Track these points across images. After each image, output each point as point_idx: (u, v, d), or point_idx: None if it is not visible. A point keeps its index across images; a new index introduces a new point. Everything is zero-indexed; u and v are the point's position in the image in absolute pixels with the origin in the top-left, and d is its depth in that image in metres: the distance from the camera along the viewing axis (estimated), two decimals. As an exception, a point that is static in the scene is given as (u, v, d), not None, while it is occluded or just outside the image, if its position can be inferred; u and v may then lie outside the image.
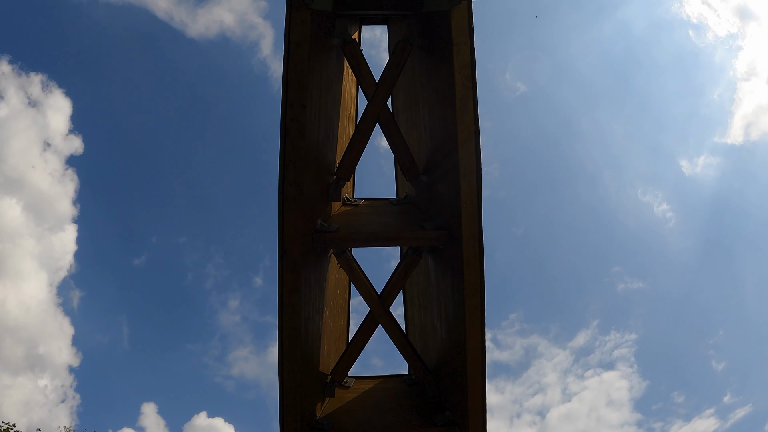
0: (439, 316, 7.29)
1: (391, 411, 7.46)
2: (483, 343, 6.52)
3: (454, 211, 6.45)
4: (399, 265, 7.73)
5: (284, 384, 6.63)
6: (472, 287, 6.36)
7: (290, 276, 6.36)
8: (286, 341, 6.51)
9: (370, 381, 8.02)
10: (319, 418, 7.28)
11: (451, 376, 7.13)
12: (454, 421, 7.11)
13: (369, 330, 7.74)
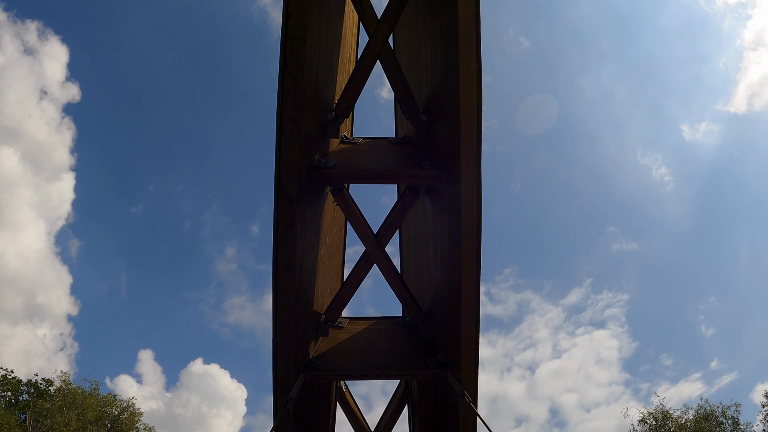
0: (435, 258, 7.24)
1: (384, 352, 7.50)
2: (478, 286, 6.49)
3: (454, 151, 6.33)
4: (396, 204, 7.62)
5: (278, 321, 6.62)
6: (469, 228, 6.30)
7: (286, 212, 6.27)
8: (281, 278, 6.47)
9: (363, 322, 8.04)
10: (312, 358, 7.32)
11: (445, 319, 7.13)
12: (447, 363, 7.15)
13: (364, 270, 7.69)
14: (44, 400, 38.25)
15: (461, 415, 7.02)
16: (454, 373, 6.92)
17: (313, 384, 7.79)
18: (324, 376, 7.23)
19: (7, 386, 41.28)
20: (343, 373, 7.30)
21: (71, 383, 37.04)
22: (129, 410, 39.12)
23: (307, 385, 7.53)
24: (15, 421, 36.37)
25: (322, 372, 7.18)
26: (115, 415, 38.87)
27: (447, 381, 7.10)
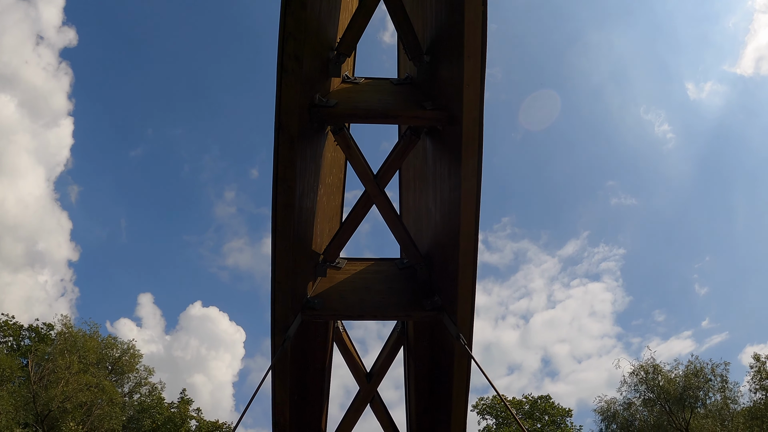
0: (434, 200, 7.22)
1: (382, 293, 7.55)
2: (476, 229, 6.49)
3: (456, 92, 6.25)
4: (396, 145, 7.56)
5: (276, 261, 6.64)
6: (470, 170, 6.26)
7: (286, 151, 6.23)
8: (280, 217, 6.47)
9: (361, 263, 8.06)
10: (310, 297, 7.37)
11: (443, 262, 7.16)
12: (443, 306, 7.21)
13: (363, 210, 7.68)
14: (45, 344, 38.82)
15: (456, 357, 7.12)
16: (450, 316, 6.98)
17: (311, 323, 7.88)
18: (321, 316, 7.30)
19: (8, 331, 41.83)
20: (340, 313, 7.37)
21: (72, 326, 37.55)
22: (129, 352, 39.78)
23: (305, 324, 7.61)
24: (17, 366, 36.98)
25: (320, 312, 7.24)
26: (116, 357, 39.53)
27: (443, 323, 7.18)
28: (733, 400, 35.35)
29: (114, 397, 35.04)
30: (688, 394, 33.98)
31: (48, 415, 33.16)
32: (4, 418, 30.47)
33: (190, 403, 34.45)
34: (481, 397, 44.66)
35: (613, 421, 36.01)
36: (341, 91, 7.60)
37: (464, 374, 7.26)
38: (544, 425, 41.76)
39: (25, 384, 35.34)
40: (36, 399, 33.01)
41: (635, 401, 35.78)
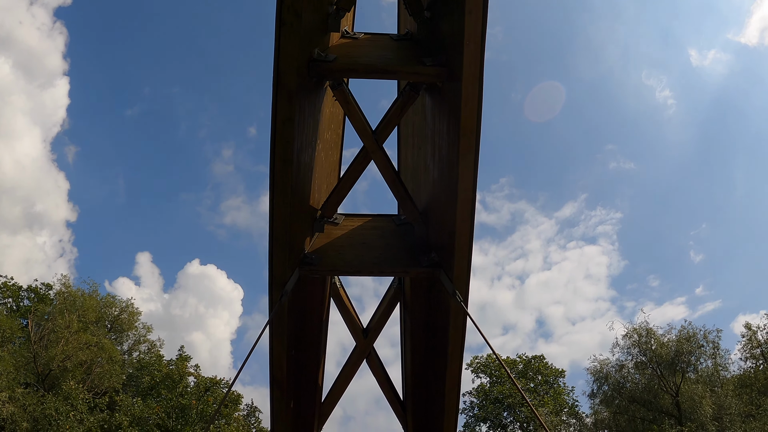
0: (433, 157, 7.20)
1: (379, 249, 7.58)
2: (474, 186, 6.49)
3: (457, 49, 6.19)
4: (395, 101, 7.51)
5: (274, 215, 6.64)
6: (469, 127, 6.23)
7: (284, 105, 6.19)
8: (278, 172, 6.46)
9: (359, 219, 8.07)
10: (308, 253, 7.40)
11: (440, 219, 7.17)
12: (440, 262, 7.24)
13: (361, 166, 7.67)
14: (45, 305, 39.08)
15: (452, 314, 7.18)
16: (447, 273, 7.02)
17: (308, 279, 7.92)
18: (319, 271, 7.33)
19: (7, 293, 42.05)
20: (337, 269, 7.40)
21: (71, 286, 37.79)
22: (128, 310, 40.13)
23: (302, 279, 7.66)
24: (17, 326, 37.27)
25: (317, 267, 7.27)
26: (114, 316, 39.89)
27: (439, 280, 7.22)
28: (724, 367, 35.86)
29: (113, 355, 35.46)
30: (679, 358, 34.42)
31: (49, 375, 33.59)
32: (5, 379, 30.86)
33: (188, 360, 34.87)
34: (475, 355, 45.32)
35: (605, 382, 36.55)
36: (340, 46, 7.52)
37: (459, 331, 7.33)
38: (537, 385, 42.42)
39: (26, 344, 35.69)
40: (36, 359, 33.39)
41: (627, 364, 36.28)
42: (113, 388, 34.88)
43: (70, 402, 30.47)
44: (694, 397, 32.73)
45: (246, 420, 38.43)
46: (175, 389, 32.55)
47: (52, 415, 29.11)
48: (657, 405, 34.70)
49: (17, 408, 29.86)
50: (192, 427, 31.34)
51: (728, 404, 32.93)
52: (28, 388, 32.36)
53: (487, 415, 41.32)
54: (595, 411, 37.70)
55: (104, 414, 31.38)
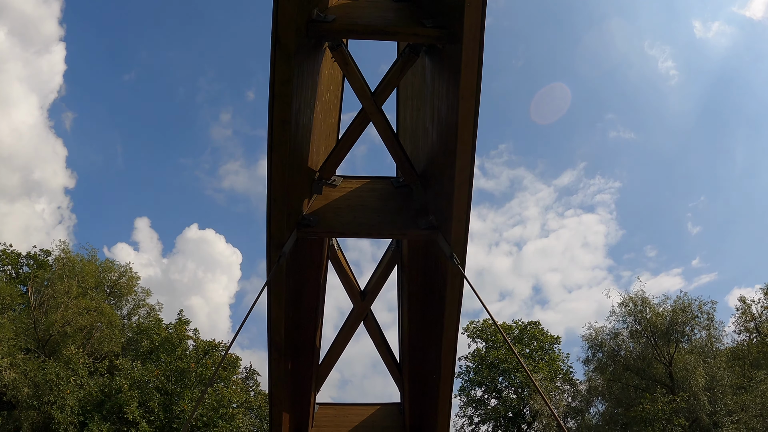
0: (432, 119, 7.16)
1: (377, 211, 7.58)
2: (473, 149, 6.46)
3: (458, 11, 6.12)
4: (395, 63, 7.44)
5: (272, 177, 6.63)
6: (469, 90, 6.19)
7: (283, 66, 6.14)
8: (276, 132, 6.43)
9: (357, 181, 8.06)
10: (306, 214, 7.39)
11: (438, 181, 7.15)
12: (438, 225, 7.25)
13: (360, 127, 7.63)
14: (44, 271, 39.18)
15: (449, 276, 7.21)
16: (445, 236, 7.03)
17: (306, 241, 7.94)
18: (316, 233, 7.34)
19: (6, 260, 42.11)
20: (335, 231, 7.41)
21: (70, 252, 37.87)
22: (127, 275, 40.28)
23: (300, 241, 7.67)
24: (17, 293, 37.42)
25: (315, 228, 7.28)
26: (113, 281, 40.05)
27: (437, 243, 7.23)
28: (718, 339, 36.15)
29: (113, 319, 35.70)
30: (674, 328, 34.70)
31: (49, 340, 33.87)
32: (6, 345, 31.10)
33: (187, 324, 35.05)
34: (472, 320, 45.64)
35: (599, 349, 36.88)
36: (340, 6, 7.42)
37: (456, 294, 7.37)
38: (532, 350, 42.80)
39: (26, 311, 35.89)
40: (36, 325, 33.62)
41: (622, 332, 36.56)
42: (113, 352, 35.18)
43: (70, 367, 30.79)
44: (687, 367, 33.09)
45: (245, 383, 38.86)
46: (174, 353, 32.80)
47: (53, 380, 29.43)
48: (650, 374, 35.11)
49: (18, 374, 30.18)
50: (191, 390, 31.71)
51: (720, 376, 33.31)
52: (29, 354, 32.64)
53: (483, 379, 41.82)
54: (589, 378, 38.13)
55: (104, 378, 31.72)
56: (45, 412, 29.34)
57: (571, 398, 38.68)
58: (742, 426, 31.19)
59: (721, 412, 32.53)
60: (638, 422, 33.25)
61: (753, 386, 32.76)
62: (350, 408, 10.27)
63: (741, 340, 37.54)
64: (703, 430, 32.29)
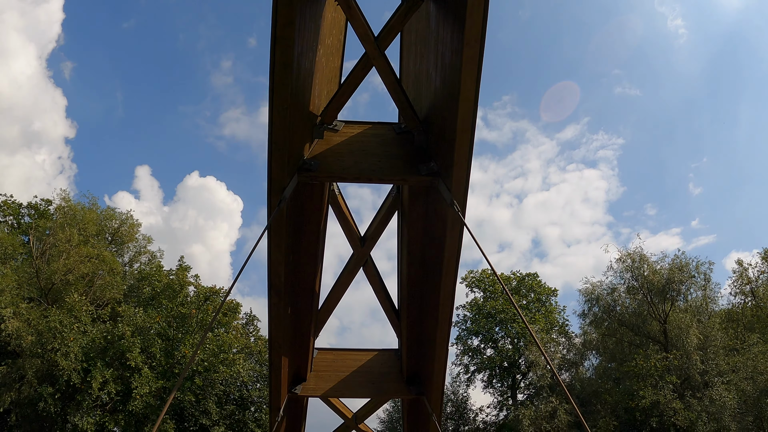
0: (435, 66, 7.08)
1: (378, 156, 7.56)
2: (476, 95, 6.42)
3: None
4: (399, 7, 7.31)
5: (273, 120, 6.60)
6: (473, 36, 6.11)
7: (285, 9, 6.04)
8: (278, 76, 6.36)
9: (359, 126, 8.01)
10: (307, 159, 7.38)
11: (441, 128, 7.12)
12: (439, 171, 7.24)
13: (362, 72, 7.54)
14: (45, 220, 39.27)
15: (449, 223, 7.24)
16: (445, 182, 7.04)
17: (307, 186, 7.94)
18: (317, 177, 7.34)
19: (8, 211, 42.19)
20: (336, 175, 7.40)
21: (71, 200, 37.89)
22: (128, 222, 40.44)
23: (301, 186, 7.69)
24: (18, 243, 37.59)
25: (316, 173, 7.28)
26: (115, 228, 40.22)
27: (438, 190, 7.24)
28: (713, 300, 36.49)
29: (114, 266, 35.94)
30: (670, 287, 35.02)
31: (51, 289, 34.18)
32: (9, 294, 31.40)
33: (188, 270, 35.32)
34: (470, 270, 46.02)
35: (596, 303, 37.31)
36: None
37: (456, 241, 7.42)
38: (529, 302, 43.24)
39: (28, 260, 36.11)
40: (39, 274, 33.88)
41: (619, 287, 36.92)
42: (115, 299, 35.56)
43: (73, 314, 31.16)
44: (681, 326, 33.50)
45: (245, 328, 39.39)
46: (175, 299, 33.17)
47: (57, 327, 29.80)
48: (645, 330, 35.59)
49: (22, 323, 30.56)
50: (192, 336, 32.19)
51: (714, 336, 33.75)
52: (32, 303, 33.00)
53: (480, 329, 42.39)
54: (585, 331, 38.70)
55: (107, 325, 32.14)
56: (49, 360, 29.83)
57: (566, 351, 39.30)
58: (733, 387, 31.75)
59: (712, 372, 33.09)
60: (631, 377, 33.86)
61: (745, 349, 33.22)
62: (348, 353, 10.45)
63: (736, 303, 37.89)
64: (694, 388, 32.89)
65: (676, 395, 32.83)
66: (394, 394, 10.41)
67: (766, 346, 32.11)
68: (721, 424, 30.87)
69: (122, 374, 30.63)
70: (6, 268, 33.84)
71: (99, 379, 29.33)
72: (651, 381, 32.95)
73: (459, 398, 43.48)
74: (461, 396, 43.53)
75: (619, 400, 34.57)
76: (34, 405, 29.49)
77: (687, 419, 31.49)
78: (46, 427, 30.64)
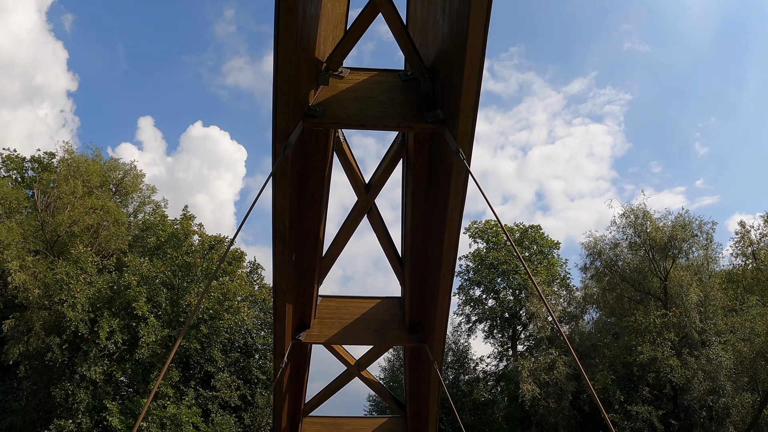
0: (443, 12, 6.98)
1: (384, 103, 7.52)
2: (485, 41, 6.34)
3: None
4: None
5: (278, 66, 6.54)
6: None
7: None
8: (282, 20, 6.28)
9: (364, 73, 7.95)
10: (312, 105, 7.35)
11: (447, 75, 7.06)
12: (445, 119, 7.22)
13: (369, 17, 7.45)
14: (49, 173, 39.36)
15: (454, 172, 7.25)
16: (451, 130, 7.02)
17: (312, 132, 7.93)
18: (322, 124, 7.32)
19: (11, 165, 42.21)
20: (341, 122, 7.38)
21: (74, 152, 37.90)
22: (132, 173, 40.52)
23: (306, 133, 7.67)
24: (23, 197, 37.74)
25: (321, 119, 7.26)
26: (118, 179, 40.33)
27: (443, 137, 7.23)
28: (714, 260, 36.75)
29: (119, 217, 36.20)
30: (672, 244, 35.20)
31: (57, 241, 34.48)
32: (15, 248, 31.69)
33: (192, 219, 35.51)
34: (474, 221, 46.35)
35: (597, 258, 37.59)
36: None
37: (460, 189, 7.44)
38: (532, 254, 43.51)
39: (32, 213, 36.34)
40: (44, 226, 34.13)
41: (622, 243, 37.16)
42: (120, 249, 35.89)
43: (79, 266, 31.50)
44: (681, 284, 33.80)
45: (249, 277, 39.86)
46: (180, 248, 33.44)
47: (63, 279, 30.16)
48: (645, 286, 35.93)
49: (28, 276, 30.92)
50: (197, 285, 32.60)
51: (713, 296, 34.08)
52: (38, 256, 33.32)
53: (482, 279, 42.80)
54: (586, 285, 39.10)
55: (113, 275, 32.52)
56: (56, 312, 30.29)
57: (566, 303, 39.78)
58: (729, 348, 32.21)
59: (710, 332, 33.53)
60: (630, 333, 34.35)
61: (744, 310, 33.59)
62: (352, 300, 10.59)
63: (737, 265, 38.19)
64: (691, 346, 33.38)
65: (673, 352, 33.33)
66: (397, 341, 10.58)
67: (765, 309, 32.47)
68: (716, 383, 31.44)
69: (128, 324, 31.14)
70: (11, 222, 34.11)
71: (106, 329, 29.84)
72: (649, 337, 33.42)
73: (460, 348, 44.20)
74: (462, 346, 44.26)
75: (617, 355, 35.14)
76: (42, 356, 30.08)
77: (683, 376, 32.08)
78: (55, 378, 31.31)
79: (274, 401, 11.17)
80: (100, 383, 30.31)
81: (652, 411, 32.08)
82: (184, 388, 32.84)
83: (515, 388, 36.40)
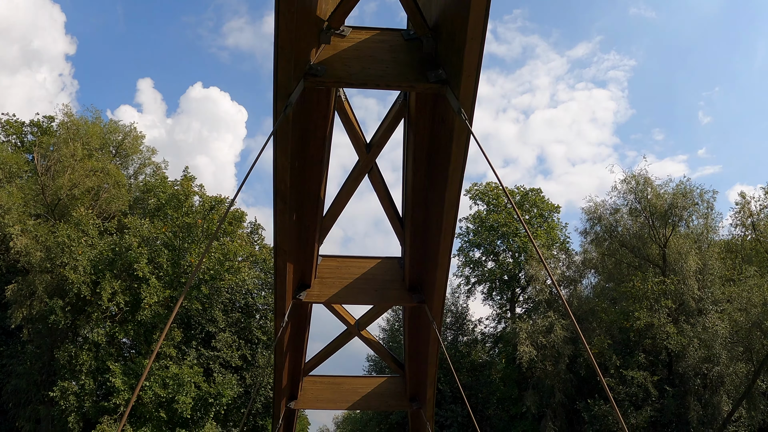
0: None
1: (386, 63, 7.47)
2: (488, 3, 6.29)
3: None
4: None
5: (279, 24, 6.49)
6: None
7: None
8: None
9: (367, 32, 7.87)
10: (313, 64, 7.31)
11: (450, 35, 7.01)
12: (447, 79, 7.19)
13: None
14: (49, 136, 39.17)
15: (456, 132, 7.25)
16: (453, 90, 7.00)
17: (313, 91, 7.90)
18: (324, 83, 7.30)
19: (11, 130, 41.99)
20: (343, 81, 7.35)
21: (73, 115, 37.69)
22: (132, 134, 40.36)
23: (307, 93, 7.65)
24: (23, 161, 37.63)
25: (323, 78, 7.23)
26: (118, 141, 40.19)
27: (445, 97, 7.21)
28: (714, 229, 36.79)
29: (119, 179, 36.17)
30: (673, 211, 35.23)
31: (58, 204, 34.52)
32: (16, 212, 31.75)
33: (192, 180, 35.47)
34: (474, 183, 46.23)
35: (597, 223, 37.69)
36: None
37: (462, 149, 7.45)
38: (532, 217, 43.61)
39: (33, 177, 36.29)
40: (44, 190, 34.12)
41: (622, 208, 37.21)
42: (121, 211, 35.99)
43: (80, 228, 31.61)
44: (680, 251, 33.93)
45: (250, 237, 40.03)
46: (180, 209, 33.52)
47: (65, 242, 30.27)
48: (644, 253, 36.08)
49: (30, 239, 31.04)
50: (198, 245, 32.78)
51: (712, 265, 34.23)
52: (39, 219, 33.41)
53: (482, 241, 42.97)
54: (585, 250, 39.28)
55: (114, 237, 32.67)
56: (58, 275, 30.48)
57: (565, 267, 39.97)
58: (726, 317, 32.48)
59: (707, 300, 33.79)
60: (627, 298, 34.63)
61: (741, 281, 33.76)
62: (352, 260, 10.68)
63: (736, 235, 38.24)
64: (688, 314, 33.66)
65: (670, 319, 33.64)
66: (397, 301, 10.70)
67: (762, 280, 32.63)
68: (711, 351, 31.80)
69: (130, 285, 31.38)
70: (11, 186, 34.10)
71: (108, 291, 30.08)
72: (647, 303, 33.68)
73: (459, 309, 44.58)
74: (461, 307, 44.63)
75: (615, 320, 35.50)
76: (45, 319, 30.38)
77: (679, 344, 32.42)
78: (58, 340, 31.68)
79: (274, 361, 11.34)
80: (103, 345, 30.70)
81: (647, 376, 32.53)
82: (186, 348, 33.27)
83: (513, 350, 36.83)
